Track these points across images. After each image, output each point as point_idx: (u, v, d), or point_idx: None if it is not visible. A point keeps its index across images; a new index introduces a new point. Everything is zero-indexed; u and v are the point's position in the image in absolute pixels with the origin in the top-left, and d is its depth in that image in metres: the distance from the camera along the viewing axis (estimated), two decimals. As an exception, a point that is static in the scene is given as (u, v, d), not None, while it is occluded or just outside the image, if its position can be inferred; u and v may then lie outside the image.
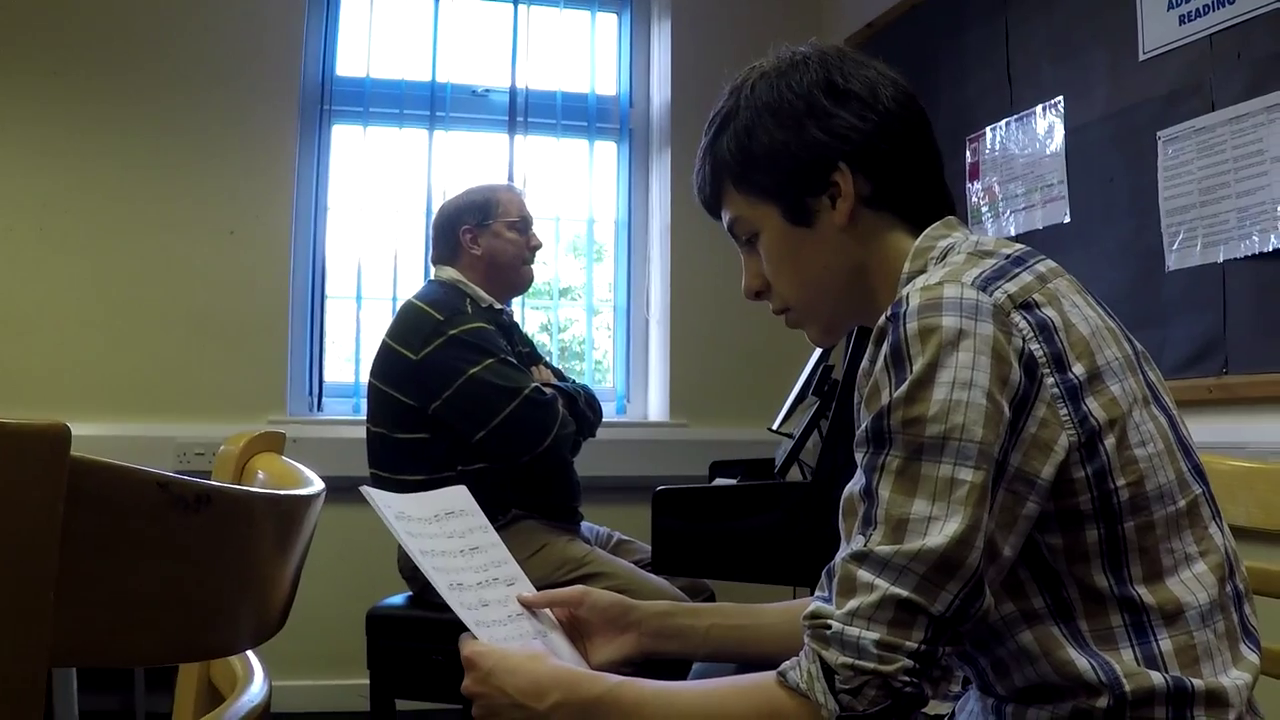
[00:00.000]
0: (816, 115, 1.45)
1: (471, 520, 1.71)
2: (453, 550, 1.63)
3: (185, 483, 0.70)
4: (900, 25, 4.48)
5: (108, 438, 4.10)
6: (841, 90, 1.46)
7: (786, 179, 1.47)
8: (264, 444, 1.23)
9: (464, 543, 1.66)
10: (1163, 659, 1.21)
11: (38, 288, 4.39)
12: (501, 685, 1.39)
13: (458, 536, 1.66)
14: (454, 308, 3.22)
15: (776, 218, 1.50)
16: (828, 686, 1.15)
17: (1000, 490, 1.19)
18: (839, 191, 1.45)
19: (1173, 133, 3.09)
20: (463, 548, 1.65)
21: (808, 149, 1.45)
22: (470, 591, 1.58)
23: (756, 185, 1.50)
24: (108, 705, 4.15)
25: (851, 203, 1.45)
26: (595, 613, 1.69)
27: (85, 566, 0.65)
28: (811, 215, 1.47)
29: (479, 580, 1.62)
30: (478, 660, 1.43)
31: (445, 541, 1.64)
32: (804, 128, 1.45)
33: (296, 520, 0.90)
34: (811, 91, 1.46)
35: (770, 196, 1.49)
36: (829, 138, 1.45)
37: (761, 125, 1.48)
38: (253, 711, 0.92)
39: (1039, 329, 1.24)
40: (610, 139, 5.24)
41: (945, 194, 1.51)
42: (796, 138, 1.45)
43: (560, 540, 3.16)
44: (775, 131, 1.47)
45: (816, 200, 1.46)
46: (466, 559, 1.64)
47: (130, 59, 4.50)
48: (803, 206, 1.47)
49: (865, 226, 1.47)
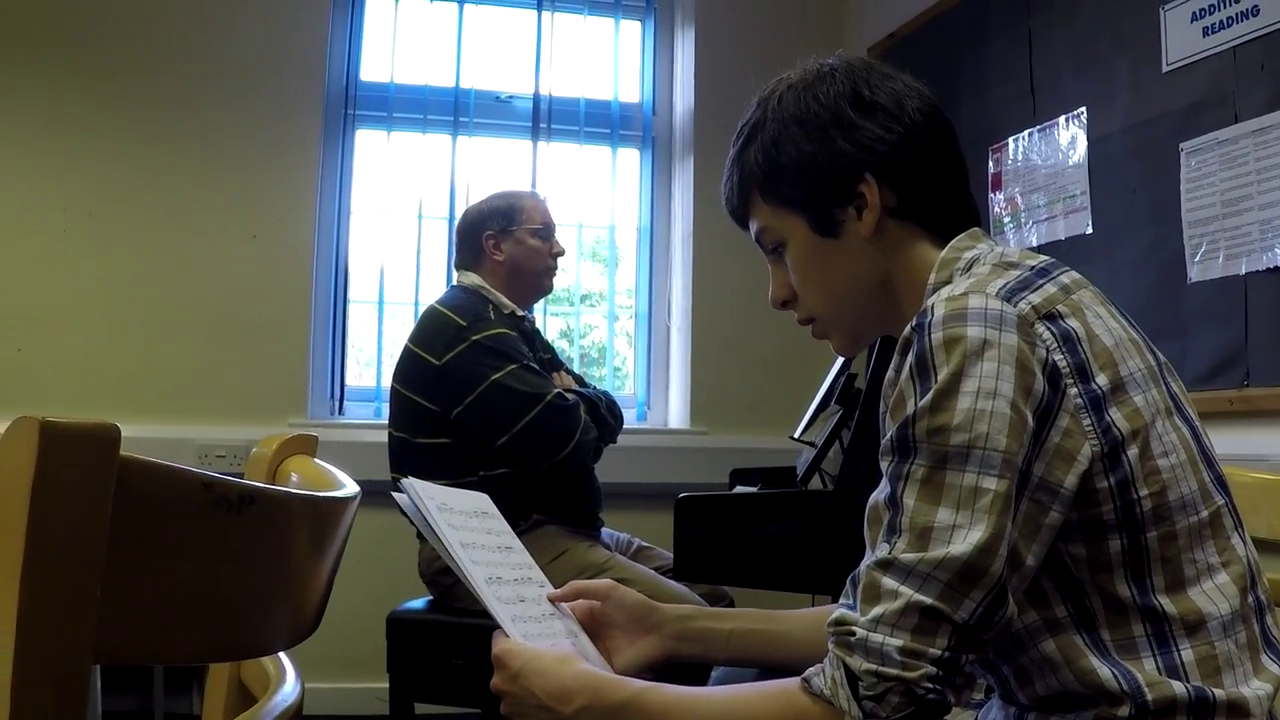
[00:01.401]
0: (843, 127, 1.46)
1: (501, 524, 1.72)
2: (490, 545, 1.64)
3: (229, 483, 0.71)
4: (923, 35, 4.48)
5: (129, 439, 3.92)
6: (868, 102, 1.47)
7: (813, 190, 1.48)
8: (297, 446, 1.24)
9: (499, 540, 1.67)
10: (1184, 669, 1.21)
11: (60, 290, 4.41)
12: (530, 686, 1.40)
13: (494, 534, 1.67)
14: (476, 313, 3.23)
15: (803, 228, 1.50)
16: (851, 693, 1.16)
17: (1024, 499, 1.19)
18: (865, 203, 1.46)
19: (1195, 144, 3.09)
20: (499, 545, 1.66)
21: (834, 160, 1.46)
22: (508, 586, 1.58)
23: (783, 196, 1.50)
24: (126, 705, 4.16)
25: (877, 214, 1.45)
26: (621, 610, 1.69)
27: (130, 564, 0.66)
28: (838, 226, 1.48)
29: (515, 576, 1.62)
30: (507, 659, 1.43)
31: (484, 536, 1.64)
32: (830, 139, 1.46)
33: (333, 522, 0.91)
34: (838, 103, 1.47)
35: (797, 207, 1.50)
36: (855, 149, 1.45)
37: (788, 137, 1.48)
38: (286, 711, 0.93)
39: (1063, 339, 1.24)
40: (633, 146, 5.25)
41: (971, 205, 1.52)
42: (823, 149, 1.46)
43: (581, 546, 3.17)
44: (802, 143, 1.47)
45: (843, 211, 1.47)
46: (503, 555, 1.64)
47: (154, 63, 4.52)
48: (829, 217, 1.48)
49: (891, 237, 1.47)
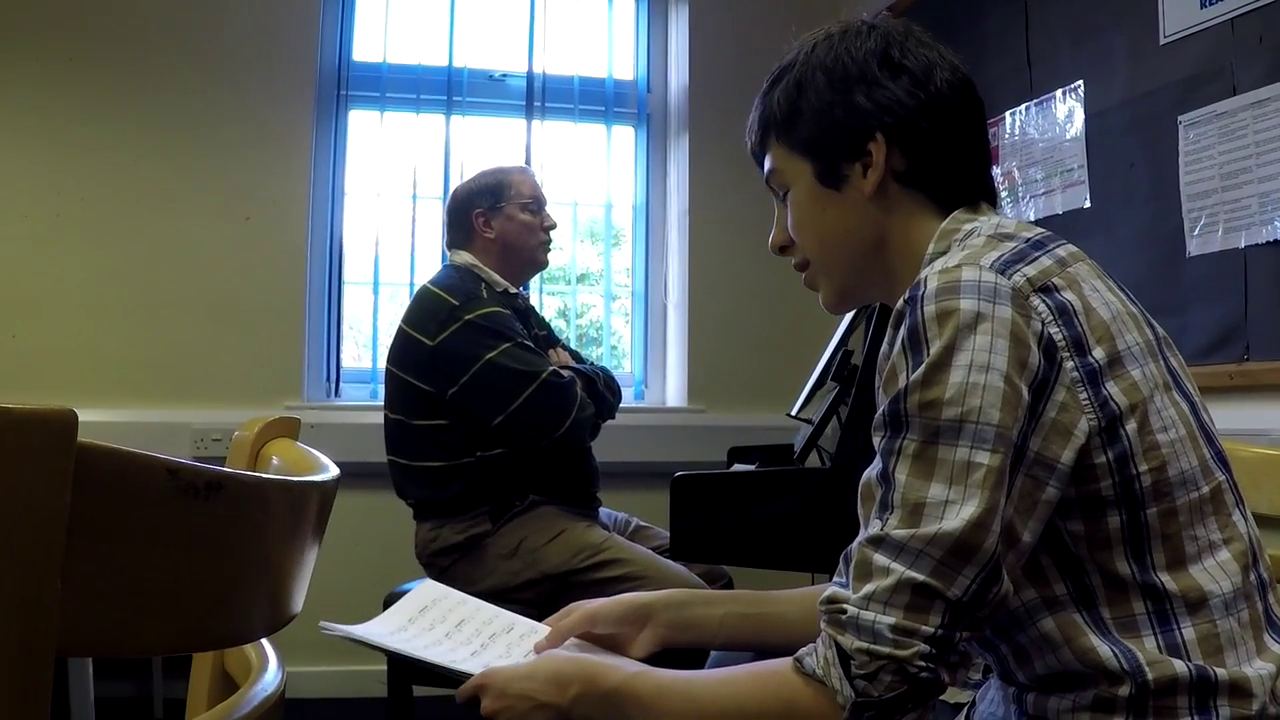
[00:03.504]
0: (867, 82, 1.46)
1: (447, 603, 1.76)
2: (438, 637, 1.67)
3: (195, 469, 0.70)
4: (919, 9, 4.45)
5: (124, 424, 4.12)
6: (896, 63, 1.47)
7: (824, 139, 1.48)
8: (278, 429, 1.22)
9: (446, 625, 1.70)
10: (1185, 647, 1.20)
11: (54, 275, 4.40)
12: (523, 691, 1.39)
13: (439, 624, 1.70)
14: (469, 292, 3.21)
15: (808, 175, 1.50)
16: (843, 672, 1.15)
17: (1019, 475, 1.18)
18: (871, 160, 1.45)
19: (1194, 117, 3.07)
20: (448, 630, 1.69)
21: (850, 113, 1.46)
22: (475, 660, 1.61)
23: (796, 140, 1.51)
24: (124, 692, 4.16)
25: (881, 173, 1.45)
26: (611, 624, 1.70)
27: (93, 554, 0.65)
28: (841, 179, 1.48)
29: (472, 650, 1.65)
30: (487, 682, 1.44)
31: (428, 635, 1.67)
32: (851, 92, 1.46)
33: (310, 507, 0.89)
34: (867, 60, 1.47)
35: (806, 153, 1.50)
36: (873, 106, 1.45)
37: (813, 83, 1.49)
38: (266, 700, 0.92)
39: (1058, 312, 1.23)
40: (628, 124, 5.22)
41: (985, 183, 1.51)
42: (842, 100, 1.46)
43: (579, 526, 3.16)
44: (824, 91, 1.48)
45: (849, 166, 1.47)
46: (458, 634, 1.68)
47: (145, 45, 4.49)
48: (835, 169, 1.48)
49: (893, 201, 1.47)
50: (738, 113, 1.59)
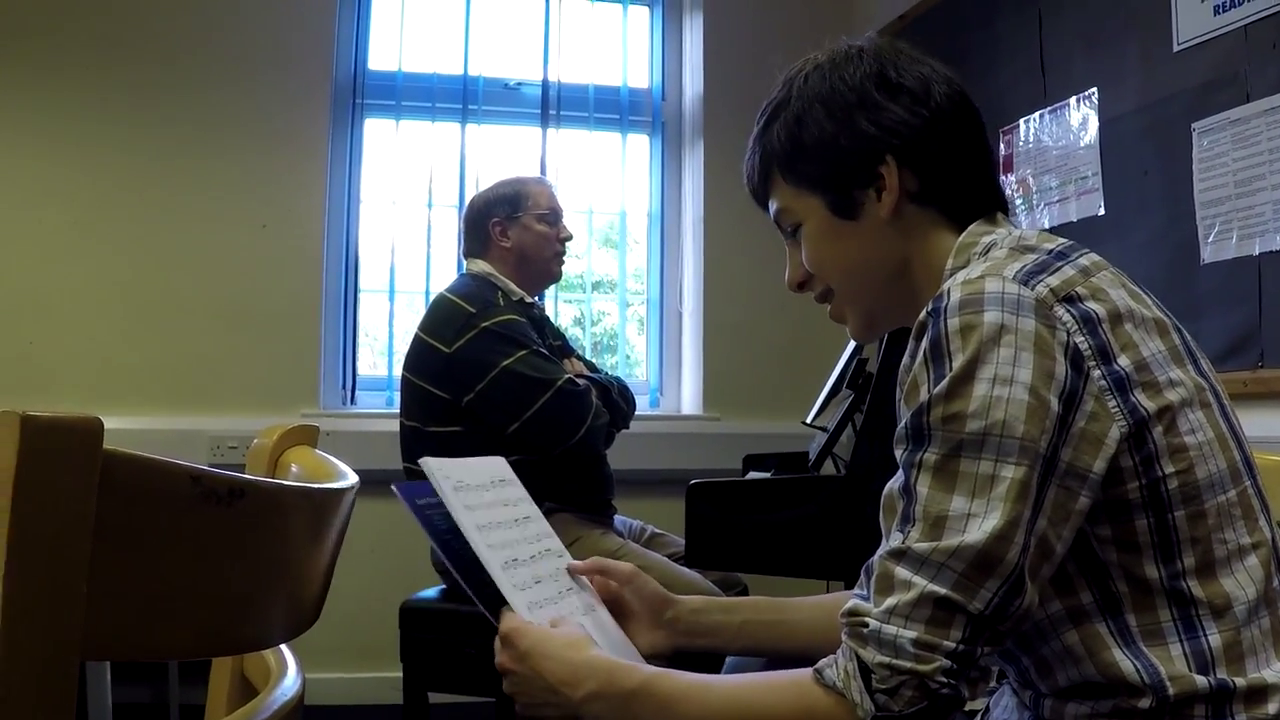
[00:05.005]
0: (867, 107, 1.44)
1: (518, 489, 1.72)
2: (507, 520, 1.63)
3: (217, 476, 0.70)
4: (932, 16, 4.45)
5: (141, 431, 4.13)
6: (894, 84, 1.45)
7: (833, 170, 1.46)
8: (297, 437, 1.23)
9: (516, 511, 1.66)
10: (1210, 654, 1.19)
11: (71, 281, 4.41)
12: (537, 668, 1.40)
13: (511, 505, 1.67)
14: (485, 300, 3.22)
15: (821, 210, 1.48)
16: (864, 686, 1.14)
17: (1052, 486, 1.17)
18: (884, 185, 1.44)
19: (1207, 124, 3.07)
20: (516, 517, 1.65)
21: (856, 141, 1.44)
22: (524, 568, 1.57)
23: (804, 175, 1.49)
24: (141, 697, 4.17)
25: (896, 196, 1.43)
26: (639, 598, 1.70)
27: (117, 560, 0.65)
28: (856, 208, 1.46)
29: (532, 553, 1.61)
30: (515, 638, 1.43)
31: (500, 511, 1.63)
32: (854, 120, 1.44)
33: (329, 514, 0.90)
34: (864, 84, 1.45)
35: (817, 187, 1.48)
36: (878, 130, 1.43)
37: (812, 115, 1.46)
38: (285, 705, 0.92)
39: (1083, 321, 1.22)
40: (643, 132, 5.23)
41: (995, 193, 1.49)
42: (846, 129, 1.44)
43: (594, 533, 3.16)
44: (825, 122, 1.45)
45: (862, 193, 1.45)
46: (520, 529, 1.64)
47: (163, 52, 4.51)
48: (848, 199, 1.46)
49: (910, 222, 1.45)
50: (752, 121, 1.58)
